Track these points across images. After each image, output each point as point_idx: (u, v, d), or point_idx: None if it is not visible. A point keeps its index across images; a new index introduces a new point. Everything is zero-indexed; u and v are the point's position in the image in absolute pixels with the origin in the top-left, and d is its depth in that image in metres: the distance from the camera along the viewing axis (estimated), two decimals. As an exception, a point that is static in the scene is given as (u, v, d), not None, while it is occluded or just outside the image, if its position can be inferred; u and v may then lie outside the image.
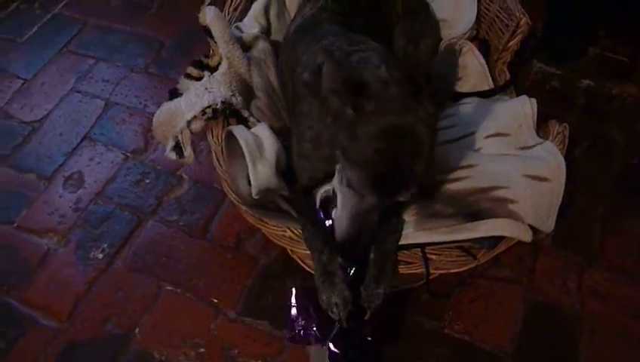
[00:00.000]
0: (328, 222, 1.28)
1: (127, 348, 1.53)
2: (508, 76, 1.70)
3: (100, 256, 1.69)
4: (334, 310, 1.22)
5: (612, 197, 1.81)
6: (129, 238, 1.72)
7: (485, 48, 1.78)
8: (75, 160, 1.90)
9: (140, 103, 2.04)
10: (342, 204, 1.16)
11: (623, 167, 1.88)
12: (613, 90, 2.07)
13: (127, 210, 1.78)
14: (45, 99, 2.07)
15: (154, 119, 1.53)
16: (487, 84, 1.68)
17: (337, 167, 1.17)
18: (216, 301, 1.60)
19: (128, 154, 1.91)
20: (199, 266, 1.66)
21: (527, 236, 1.28)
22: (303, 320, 1.30)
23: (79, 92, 2.08)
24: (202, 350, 1.52)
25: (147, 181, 1.84)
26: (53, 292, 1.63)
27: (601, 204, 1.79)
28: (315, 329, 1.29)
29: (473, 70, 1.70)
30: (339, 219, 1.16)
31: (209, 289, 1.62)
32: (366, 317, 1.28)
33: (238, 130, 1.35)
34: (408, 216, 1.30)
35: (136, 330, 1.56)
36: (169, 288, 1.63)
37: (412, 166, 1.07)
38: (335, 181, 1.20)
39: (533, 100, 1.48)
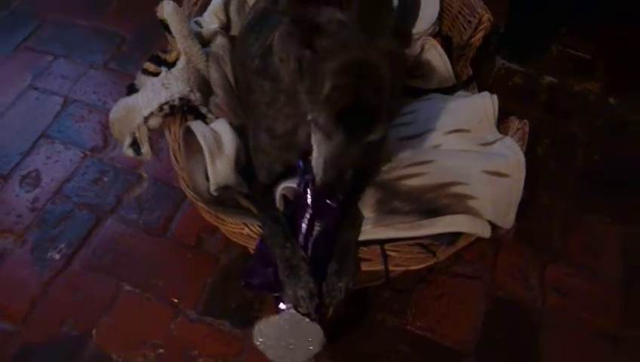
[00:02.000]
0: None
1: (83, 350, 1.50)
2: (470, 72, 1.70)
3: (57, 256, 1.65)
4: (302, 303, 1.20)
5: (573, 193, 1.82)
6: (87, 238, 1.68)
7: (448, 45, 1.78)
8: (32, 158, 1.86)
9: (100, 100, 2.00)
10: (316, 149, 1.13)
11: (585, 164, 1.89)
12: (576, 87, 2.08)
13: (86, 209, 1.74)
14: (1, 97, 2.01)
15: (110, 115, 1.50)
16: (450, 81, 1.68)
17: (309, 116, 1.13)
18: (176, 301, 1.57)
19: (87, 152, 1.87)
20: (159, 266, 1.64)
21: (485, 232, 1.28)
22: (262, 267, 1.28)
23: (36, 89, 2.03)
24: (162, 351, 1.49)
25: (106, 179, 1.81)
26: (8, 293, 1.59)
27: (563, 200, 1.80)
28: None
29: (436, 67, 1.70)
30: (315, 164, 1.13)
31: (169, 289, 1.59)
32: (329, 315, 1.26)
33: (197, 125, 1.33)
34: (367, 213, 1.29)
35: (94, 332, 1.52)
36: (128, 288, 1.59)
37: (375, 100, 1.04)
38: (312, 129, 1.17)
39: (494, 96, 1.49)
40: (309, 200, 1.23)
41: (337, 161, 1.09)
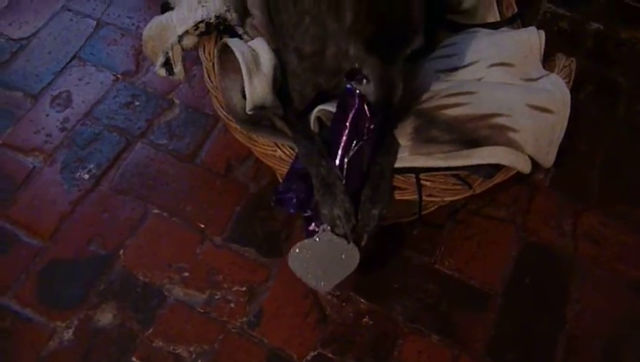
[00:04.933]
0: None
1: (110, 268, 1.50)
2: (515, 10, 1.64)
3: (86, 176, 1.64)
4: (337, 223, 1.16)
5: (613, 142, 1.77)
6: (116, 160, 1.67)
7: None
8: (63, 79, 1.84)
9: (133, 24, 1.96)
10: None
11: (627, 114, 1.83)
12: (623, 35, 2.00)
13: (116, 132, 1.73)
14: (35, 17, 1.99)
15: (144, 33, 1.46)
16: (494, 17, 1.61)
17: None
18: (202, 226, 1.56)
19: (119, 76, 1.84)
20: (187, 191, 1.62)
21: (526, 167, 1.24)
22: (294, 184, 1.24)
23: (70, 10, 2.00)
24: (186, 274, 1.49)
25: (137, 103, 1.78)
26: (36, 210, 1.59)
27: (602, 148, 1.75)
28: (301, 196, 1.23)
29: (480, 1, 1.63)
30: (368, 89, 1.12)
31: (196, 215, 1.58)
32: (362, 243, 1.23)
33: (235, 42, 1.29)
34: (404, 141, 1.25)
35: (121, 252, 1.52)
36: (155, 211, 1.59)
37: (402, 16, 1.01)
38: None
39: (542, 32, 1.43)
40: (349, 120, 1.19)
41: (384, 82, 1.06)
